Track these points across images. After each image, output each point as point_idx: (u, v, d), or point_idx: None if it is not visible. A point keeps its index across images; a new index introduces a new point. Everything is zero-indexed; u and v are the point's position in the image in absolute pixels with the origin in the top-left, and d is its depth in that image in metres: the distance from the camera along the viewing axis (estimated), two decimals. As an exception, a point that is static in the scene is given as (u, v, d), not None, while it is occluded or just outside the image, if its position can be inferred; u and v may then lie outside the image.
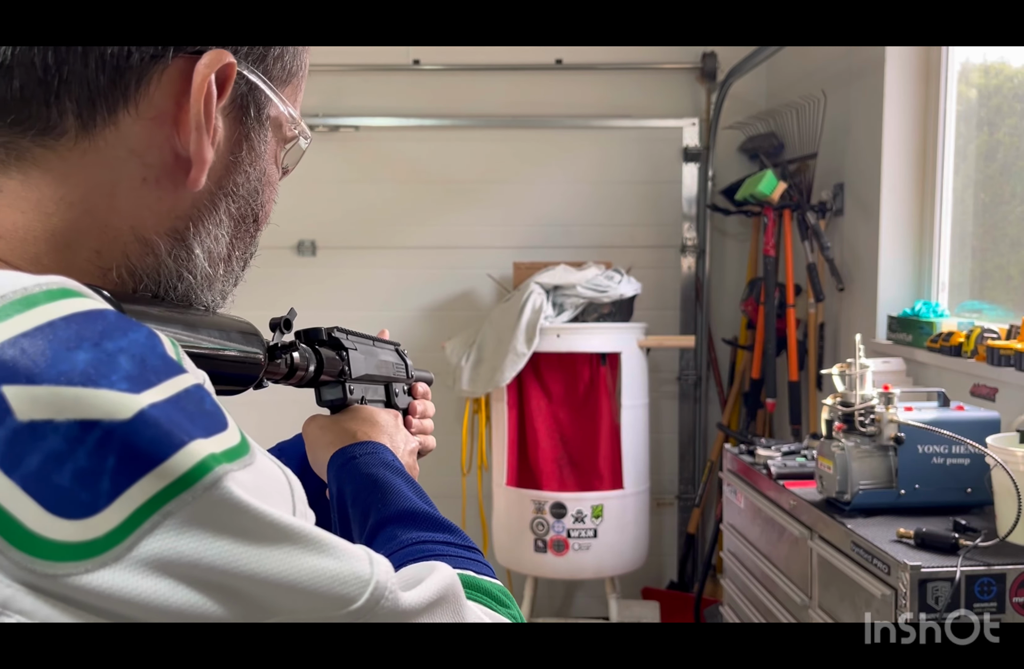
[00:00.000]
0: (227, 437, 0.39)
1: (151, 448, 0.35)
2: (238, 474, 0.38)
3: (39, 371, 0.35)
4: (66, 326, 0.37)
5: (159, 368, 0.38)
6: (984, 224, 2.24)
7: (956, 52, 2.30)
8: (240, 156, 0.51)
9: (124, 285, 0.48)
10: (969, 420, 1.67)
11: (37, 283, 0.38)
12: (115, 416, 0.35)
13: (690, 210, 3.20)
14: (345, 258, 3.19)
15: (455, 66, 3.12)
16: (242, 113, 0.51)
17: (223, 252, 0.52)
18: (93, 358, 0.36)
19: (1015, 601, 1.40)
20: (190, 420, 0.37)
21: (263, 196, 0.54)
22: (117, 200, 0.48)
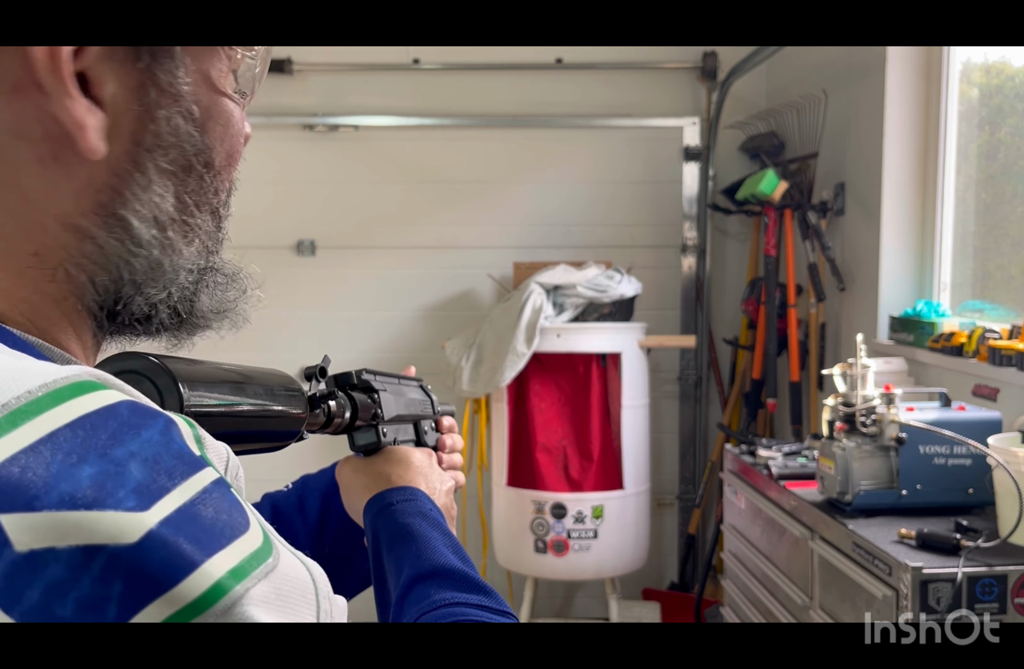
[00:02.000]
0: (248, 541, 0.37)
1: (160, 572, 0.33)
2: (257, 590, 0.36)
3: (39, 495, 0.32)
4: (72, 435, 0.34)
5: (174, 469, 0.36)
6: (986, 224, 2.24)
7: (957, 52, 2.30)
8: (148, 101, 0.43)
9: (75, 282, 0.43)
10: (971, 420, 1.67)
11: (43, 383, 0.35)
12: (121, 540, 0.33)
13: (691, 210, 3.20)
14: (345, 258, 3.18)
15: (455, 66, 3.12)
16: (133, 53, 0.42)
17: (171, 212, 0.45)
18: (99, 472, 0.34)
19: (1016, 602, 1.40)
20: (206, 530, 0.35)
21: (208, 136, 0.46)
22: (25, 191, 0.42)
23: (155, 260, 0.45)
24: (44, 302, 0.43)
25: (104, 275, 0.44)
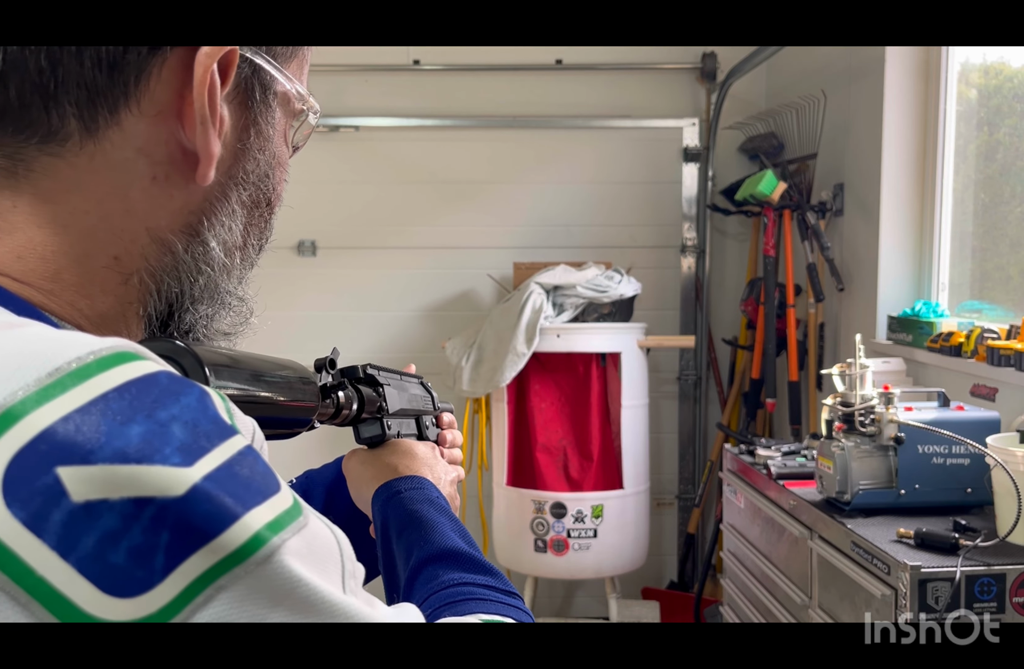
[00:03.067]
0: (281, 500, 0.39)
1: (205, 523, 0.36)
2: (292, 543, 0.38)
3: (94, 449, 0.35)
4: (119, 397, 0.37)
5: (212, 432, 0.38)
6: (984, 224, 2.24)
7: (956, 52, 2.30)
8: (248, 143, 0.49)
9: (144, 289, 0.48)
10: (969, 420, 1.67)
11: (91, 351, 0.38)
12: (169, 492, 0.35)
13: (690, 210, 3.20)
14: (345, 258, 3.19)
15: (455, 66, 3.12)
16: (247, 97, 0.48)
17: (238, 241, 0.51)
18: (146, 431, 0.36)
19: (1015, 601, 1.40)
20: (245, 487, 0.38)
21: (274, 179, 0.52)
22: (130, 202, 0.46)
23: (214, 280, 0.50)
24: (107, 302, 0.48)
25: (172, 287, 0.49)
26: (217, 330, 0.54)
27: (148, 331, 0.50)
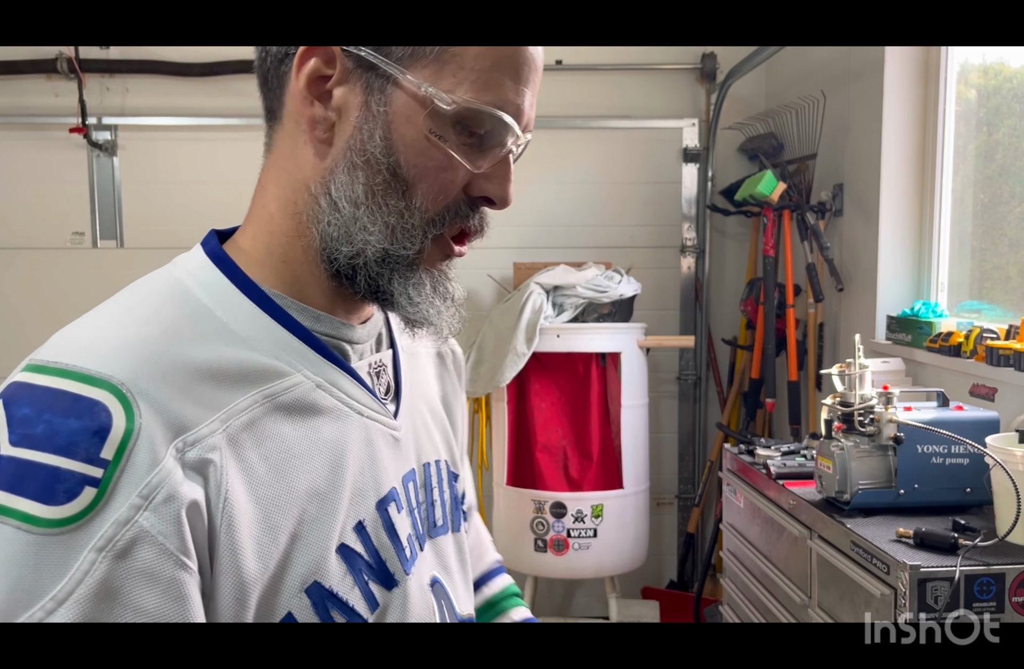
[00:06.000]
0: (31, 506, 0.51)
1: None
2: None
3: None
4: (35, 394, 0.54)
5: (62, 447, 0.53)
6: (983, 224, 2.25)
7: (955, 52, 2.30)
8: (358, 117, 0.61)
9: (311, 234, 0.63)
10: (968, 420, 1.67)
11: (84, 368, 0.54)
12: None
13: (690, 210, 3.20)
14: (345, 258, 3.18)
15: (455, 66, 3.12)
16: (359, 83, 0.61)
17: (360, 196, 0.61)
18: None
19: (1014, 601, 1.41)
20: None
21: (399, 156, 0.61)
22: (298, 161, 0.64)
23: (345, 226, 0.62)
24: (295, 253, 0.64)
25: (322, 228, 0.62)
26: (399, 297, 0.64)
27: (329, 274, 0.64)
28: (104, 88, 3.06)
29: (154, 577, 0.50)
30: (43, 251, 3.05)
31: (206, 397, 0.55)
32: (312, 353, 0.63)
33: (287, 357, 0.62)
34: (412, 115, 0.60)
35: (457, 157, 0.61)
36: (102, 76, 3.04)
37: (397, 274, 0.63)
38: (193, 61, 2.99)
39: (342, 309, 0.67)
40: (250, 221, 0.67)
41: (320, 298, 0.65)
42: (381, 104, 0.60)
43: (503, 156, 0.63)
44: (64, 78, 2.97)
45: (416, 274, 0.64)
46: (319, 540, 0.60)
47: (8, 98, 3.03)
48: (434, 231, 0.63)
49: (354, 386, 0.65)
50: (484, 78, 0.60)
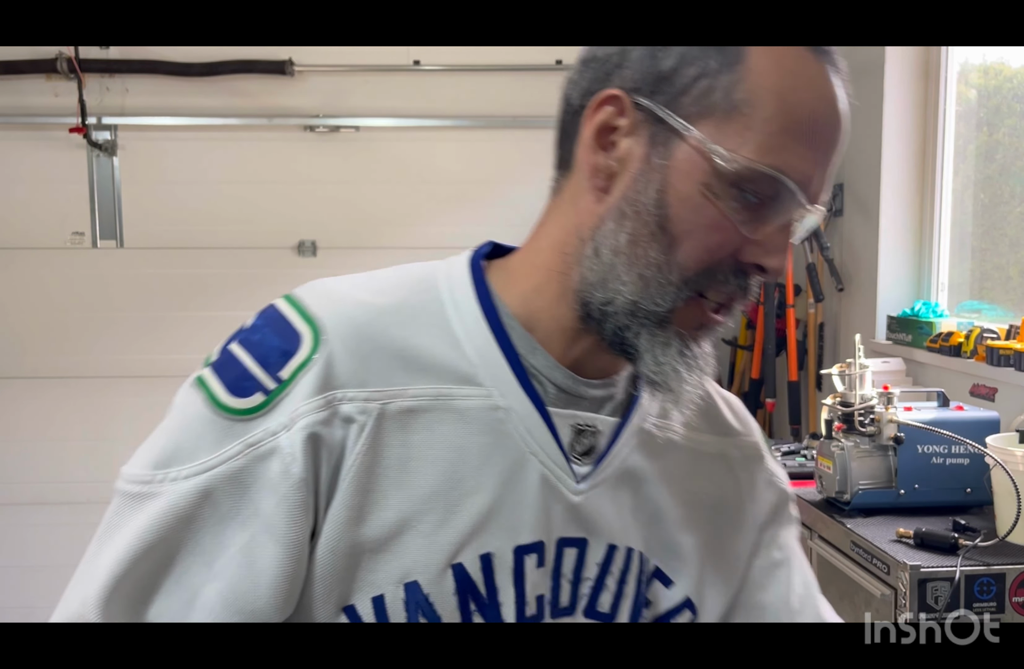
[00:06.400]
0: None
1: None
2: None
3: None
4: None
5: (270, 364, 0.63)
6: (983, 224, 2.25)
7: (956, 52, 2.30)
8: (638, 169, 0.61)
9: (573, 277, 0.63)
10: (968, 420, 1.67)
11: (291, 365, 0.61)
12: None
13: (690, 210, 3.20)
14: (345, 258, 3.19)
15: (455, 67, 3.12)
16: (645, 135, 0.60)
17: (621, 245, 0.61)
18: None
19: (1015, 601, 1.41)
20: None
21: (671, 210, 0.60)
22: (577, 206, 0.65)
23: (602, 272, 0.62)
24: (550, 287, 0.65)
25: (583, 271, 0.63)
26: (643, 354, 0.62)
27: (579, 316, 0.64)
28: (104, 88, 3.06)
29: (274, 489, 0.58)
30: (43, 251, 3.05)
31: (386, 372, 0.61)
32: (511, 377, 0.63)
33: (485, 371, 0.63)
34: (690, 171, 0.59)
35: (730, 218, 0.59)
36: (102, 76, 3.04)
37: (646, 330, 0.61)
38: (193, 61, 2.99)
39: (575, 357, 0.66)
40: (523, 249, 0.70)
41: (553, 336, 0.65)
42: (662, 157, 0.59)
43: (783, 225, 0.60)
44: (64, 78, 2.97)
45: (666, 333, 0.62)
46: (428, 544, 0.61)
47: (8, 98, 3.03)
48: (689, 291, 0.61)
49: (539, 425, 0.64)
50: (771, 141, 0.58)
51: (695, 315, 0.62)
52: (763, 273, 0.62)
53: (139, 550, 0.57)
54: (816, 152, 0.59)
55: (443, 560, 0.61)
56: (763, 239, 0.60)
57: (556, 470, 0.65)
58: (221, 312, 3.03)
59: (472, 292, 0.65)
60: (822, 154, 0.60)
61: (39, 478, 3.06)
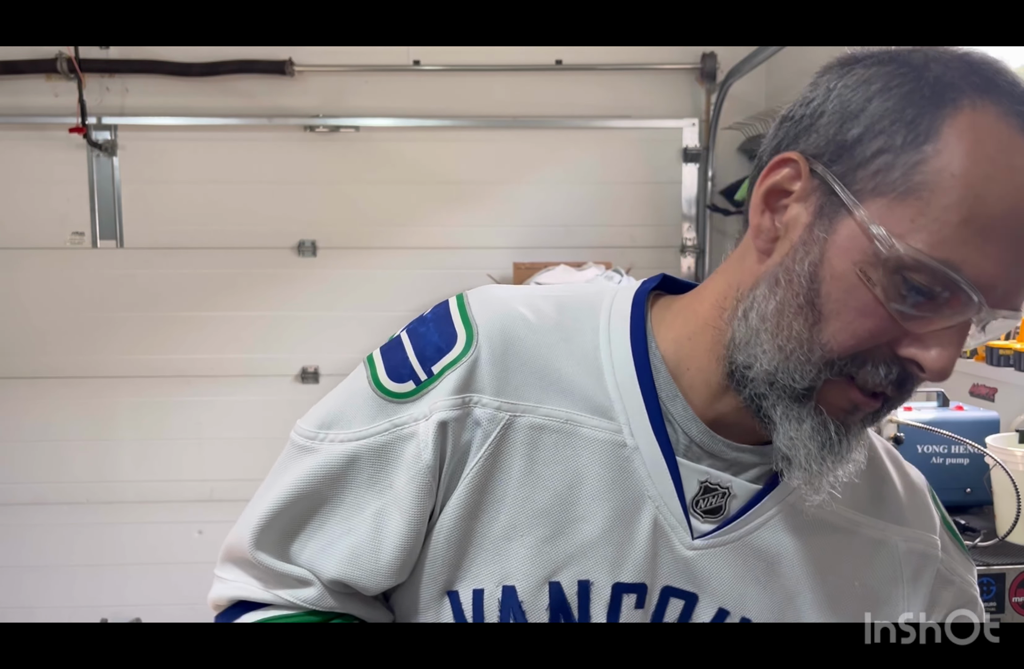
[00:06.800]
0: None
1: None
2: None
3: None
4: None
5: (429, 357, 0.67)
6: (984, 224, 2.24)
7: (956, 53, 2.30)
8: (799, 237, 0.59)
9: (722, 322, 0.63)
10: (968, 420, 1.67)
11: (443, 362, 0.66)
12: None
13: (690, 210, 3.20)
14: (345, 258, 3.19)
15: (455, 67, 3.12)
16: (814, 204, 0.58)
17: (768, 312, 0.59)
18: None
19: (1014, 601, 1.41)
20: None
21: (823, 286, 0.57)
22: (742, 263, 0.64)
23: (747, 335, 0.61)
24: (703, 337, 0.64)
25: (732, 331, 0.62)
26: (777, 425, 0.61)
27: (724, 372, 0.63)
28: (104, 88, 3.06)
29: (408, 468, 0.63)
30: (43, 251, 3.05)
31: (524, 386, 0.64)
32: (644, 418, 0.64)
33: (620, 406, 0.64)
34: (850, 249, 0.56)
35: (885, 306, 0.55)
36: (102, 76, 3.04)
37: (783, 403, 0.60)
38: (193, 61, 2.99)
39: (717, 414, 0.65)
40: (691, 293, 0.69)
41: (697, 388, 0.65)
42: (824, 230, 0.57)
43: (955, 324, 0.55)
44: (64, 78, 2.97)
45: (804, 410, 0.59)
46: (531, 556, 0.64)
47: (8, 98, 3.03)
48: (831, 373, 0.58)
49: (663, 471, 0.64)
50: (946, 232, 0.53)
51: (842, 397, 0.59)
52: (921, 372, 0.57)
53: (293, 495, 0.65)
54: (1006, 252, 0.53)
55: (542, 574, 0.64)
56: (929, 335, 0.56)
57: (671, 519, 0.65)
58: (221, 312, 3.03)
59: (627, 326, 0.66)
60: (1013, 255, 0.53)
61: (39, 478, 3.06)
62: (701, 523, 0.66)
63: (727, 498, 0.66)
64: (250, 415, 3.01)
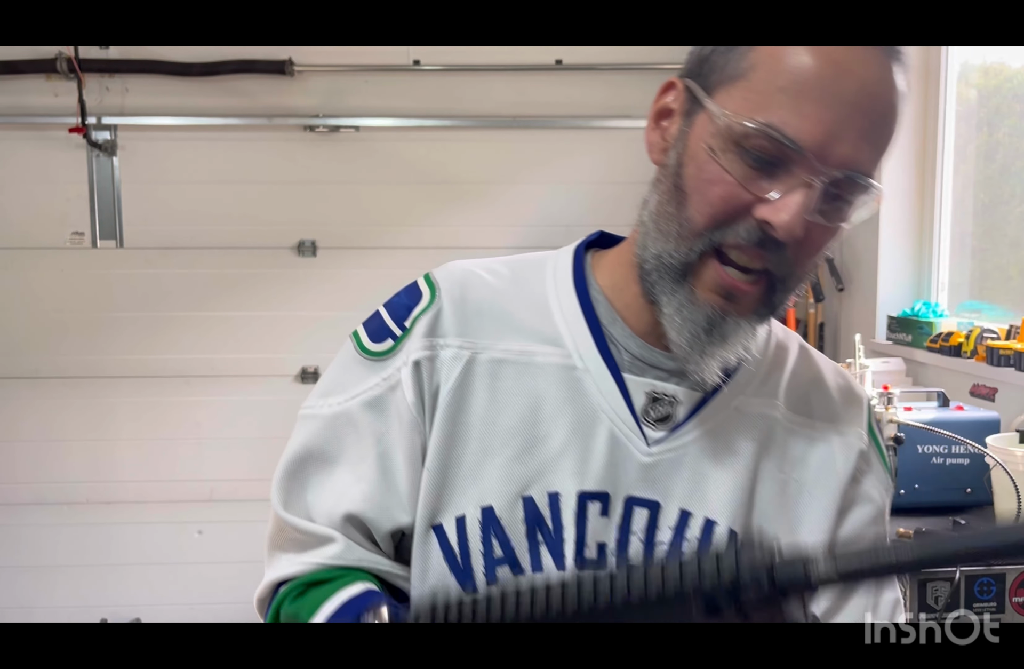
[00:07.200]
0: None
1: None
2: None
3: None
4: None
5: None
6: (983, 224, 2.24)
7: (955, 53, 2.30)
8: (675, 139, 0.67)
9: (636, 236, 0.71)
10: (969, 420, 1.67)
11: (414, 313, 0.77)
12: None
13: (690, 210, 3.20)
14: (345, 258, 3.19)
15: (455, 67, 3.12)
16: (684, 111, 0.67)
17: (655, 207, 0.68)
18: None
19: (1015, 601, 1.41)
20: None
21: (684, 169, 0.66)
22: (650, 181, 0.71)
23: (644, 235, 0.69)
24: (628, 257, 0.72)
25: (639, 236, 0.70)
26: (664, 306, 0.68)
27: (639, 277, 0.70)
28: (104, 88, 3.06)
29: (400, 413, 0.71)
30: (43, 251, 3.05)
31: (483, 330, 0.73)
32: (590, 342, 0.72)
33: (569, 336, 0.73)
34: (701, 133, 0.64)
35: (732, 173, 0.62)
36: (102, 76, 3.04)
37: (665, 283, 0.67)
38: (193, 61, 2.99)
39: (648, 327, 0.72)
40: (626, 240, 0.77)
41: (630, 307, 0.73)
42: (688, 125, 0.66)
43: (798, 184, 0.62)
44: (64, 78, 2.97)
45: (683, 289, 0.66)
46: (504, 475, 0.70)
47: (8, 98, 3.03)
48: (702, 244, 0.65)
49: (612, 387, 0.71)
50: (768, 100, 0.61)
51: (715, 277, 0.65)
52: (771, 229, 0.62)
53: (302, 454, 0.73)
54: (823, 111, 0.60)
55: (515, 490, 0.70)
56: (775, 197, 0.62)
57: (625, 430, 0.71)
58: (221, 312, 3.03)
59: (570, 270, 0.75)
60: (832, 113, 0.60)
61: (39, 478, 3.06)
62: (654, 431, 0.72)
63: (674, 406, 0.72)
64: (250, 415, 3.00)
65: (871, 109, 0.61)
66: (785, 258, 0.64)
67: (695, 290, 0.66)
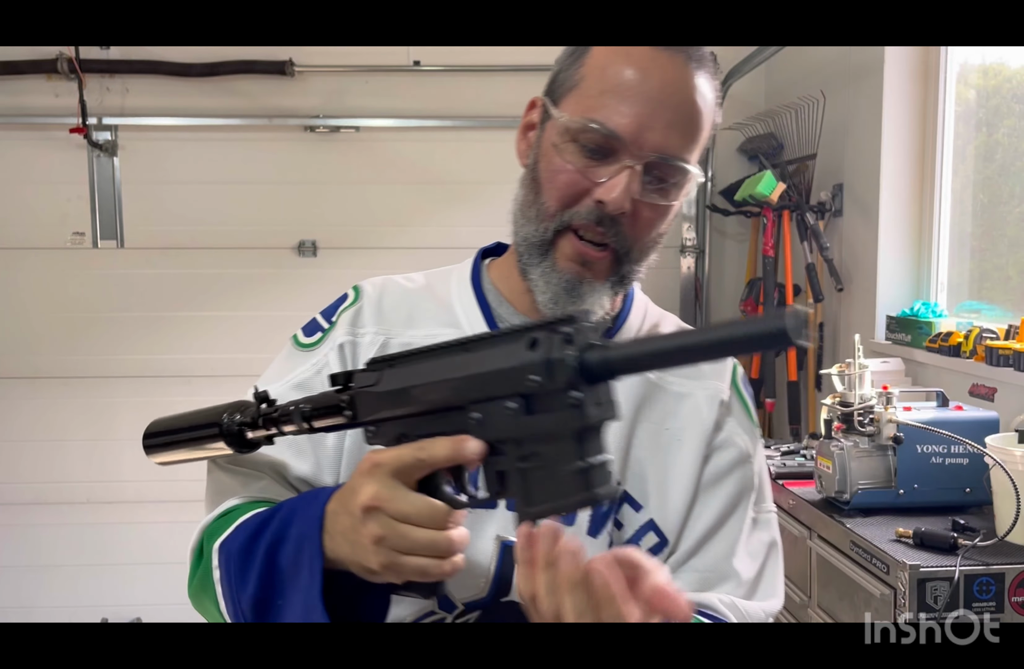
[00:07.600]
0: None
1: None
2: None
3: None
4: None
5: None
6: (983, 224, 2.25)
7: (955, 53, 2.31)
8: (535, 143, 0.81)
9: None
10: (968, 420, 1.68)
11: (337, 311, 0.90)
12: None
13: (689, 211, 3.20)
14: (345, 258, 3.19)
15: (455, 67, 3.12)
16: (540, 121, 0.82)
17: (519, 200, 0.82)
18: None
19: (1014, 600, 1.41)
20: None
21: (539, 165, 0.80)
22: (527, 181, 0.83)
23: (515, 222, 0.83)
24: (512, 260, 0.85)
25: (513, 229, 0.84)
26: (534, 278, 0.81)
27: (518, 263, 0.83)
28: (104, 88, 3.06)
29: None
30: (43, 251, 3.05)
31: (396, 320, 0.87)
32: (482, 322, 0.85)
33: (465, 319, 0.86)
34: (549, 135, 0.79)
35: (572, 163, 0.76)
36: (102, 76, 3.04)
37: (532, 258, 0.80)
38: (193, 61, 2.99)
39: (530, 306, 0.83)
40: None
41: (515, 292, 0.86)
42: (542, 132, 0.81)
43: (621, 168, 0.75)
44: (64, 78, 2.97)
45: (546, 261, 0.80)
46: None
47: (8, 98, 3.03)
48: (557, 224, 0.78)
49: None
50: (593, 101, 0.75)
51: (571, 249, 0.78)
52: (603, 206, 0.75)
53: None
54: (635, 108, 0.74)
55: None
56: (606, 181, 0.75)
57: None
58: (221, 312, 3.03)
59: (468, 273, 0.91)
60: (641, 108, 0.74)
61: (39, 478, 3.06)
62: None
63: None
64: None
65: (674, 103, 0.74)
66: (623, 234, 0.77)
67: (556, 261, 0.79)
